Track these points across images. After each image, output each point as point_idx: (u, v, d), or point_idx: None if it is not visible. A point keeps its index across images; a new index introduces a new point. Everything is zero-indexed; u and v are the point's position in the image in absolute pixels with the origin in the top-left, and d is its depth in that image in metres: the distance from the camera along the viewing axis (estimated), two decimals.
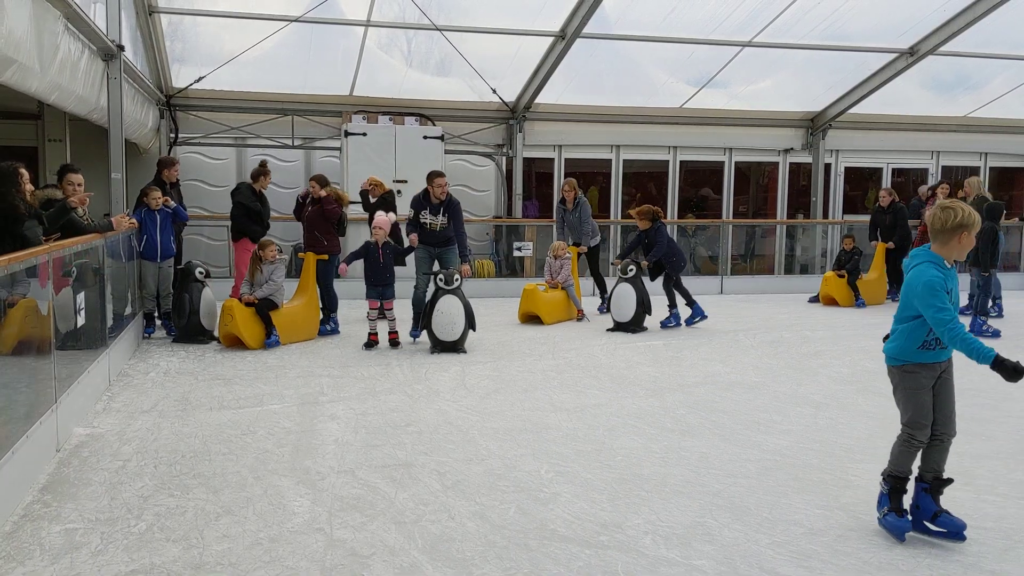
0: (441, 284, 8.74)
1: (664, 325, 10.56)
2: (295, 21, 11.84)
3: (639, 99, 15.00)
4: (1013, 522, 4.53)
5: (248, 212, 10.15)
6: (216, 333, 9.13)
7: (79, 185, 7.61)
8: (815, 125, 16.04)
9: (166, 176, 9.57)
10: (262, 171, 10.25)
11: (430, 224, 9.11)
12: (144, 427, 6.03)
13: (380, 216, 9.23)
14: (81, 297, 6.46)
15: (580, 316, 11.16)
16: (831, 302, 12.97)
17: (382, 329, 9.19)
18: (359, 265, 9.34)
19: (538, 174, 16.04)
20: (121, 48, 8.79)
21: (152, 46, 11.81)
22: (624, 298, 10.31)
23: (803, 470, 5.31)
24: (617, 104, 15.00)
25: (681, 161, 16.25)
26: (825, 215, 16.54)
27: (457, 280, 8.75)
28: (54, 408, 5.36)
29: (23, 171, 5.91)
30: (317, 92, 13.87)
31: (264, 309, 8.93)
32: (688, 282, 11.03)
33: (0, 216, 5.62)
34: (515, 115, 14.62)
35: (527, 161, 15.17)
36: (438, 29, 12.24)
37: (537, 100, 14.29)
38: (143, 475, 5.04)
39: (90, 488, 4.81)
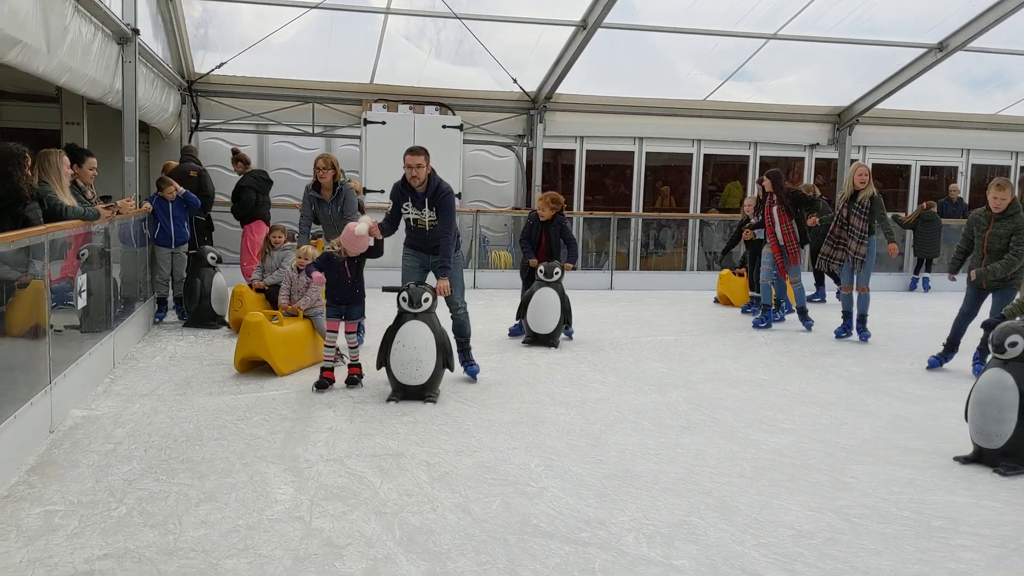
0: (404, 305, 6.46)
1: None
2: (316, 7, 11.81)
3: (662, 91, 14.81)
4: (1011, 529, 4.40)
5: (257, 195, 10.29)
6: (227, 318, 9.13)
7: (92, 169, 7.67)
8: (842, 120, 15.76)
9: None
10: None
11: (415, 220, 6.85)
12: (141, 411, 6.04)
13: (360, 228, 6.65)
14: (83, 279, 6.48)
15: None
16: (727, 302, 12.33)
17: (340, 366, 7.08)
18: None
19: (559, 165, 15.92)
20: (136, 32, 8.79)
21: (173, 31, 11.84)
22: (544, 306, 8.74)
23: (800, 470, 5.20)
24: (640, 95, 14.82)
25: (705, 154, 16.03)
26: None
27: (427, 302, 6.47)
28: (48, 390, 5.37)
29: (28, 156, 5.93)
30: (338, 80, 13.84)
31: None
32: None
33: (4, 197, 5.63)
34: (536, 105, 14.50)
35: (548, 152, 15.05)
36: (458, 17, 12.15)
37: (558, 90, 14.15)
38: (132, 458, 5.03)
39: (77, 470, 4.81)
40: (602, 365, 8.01)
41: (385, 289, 6.55)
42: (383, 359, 6.53)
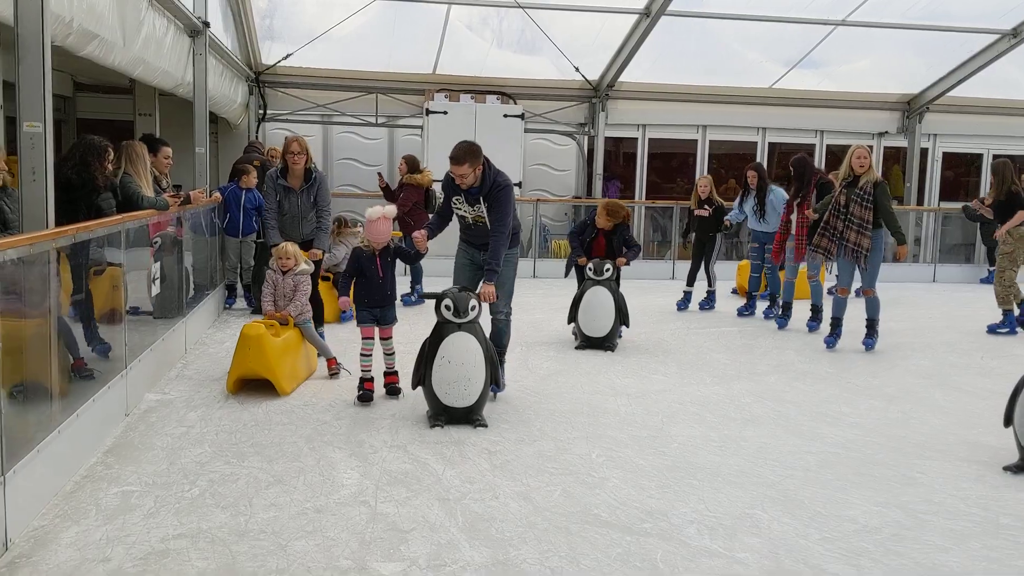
0: (448, 314, 5.64)
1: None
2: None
3: (727, 78, 14.62)
4: None
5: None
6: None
7: (166, 158, 7.88)
8: (912, 108, 15.39)
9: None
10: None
11: (470, 217, 6.20)
12: (211, 395, 6.21)
13: (373, 212, 6.09)
14: (157, 267, 6.68)
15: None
16: (744, 293, 11.41)
17: (379, 370, 6.34)
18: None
19: (621, 154, 15.85)
20: (207, 24, 8.99)
21: (242, 23, 12.06)
22: (598, 307, 8.10)
23: (865, 465, 5.13)
24: (704, 83, 14.66)
25: (770, 143, 15.80)
26: (920, 202, 15.89)
27: (473, 310, 5.66)
28: (124, 374, 5.55)
29: (110, 149, 6.09)
30: (401, 70, 13.96)
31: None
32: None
33: (80, 186, 5.80)
34: (598, 94, 14.45)
35: (609, 140, 14.99)
36: (520, 7, 12.17)
37: (621, 78, 14.08)
38: (203, 442, 5.18)
39: (151, 452, 4.97)
40: (663, 356, 7.98)
41: (422, 296, 6.03)
42: (421, 377, 5.67)
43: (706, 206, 10.34)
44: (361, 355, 6.20)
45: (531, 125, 14.22)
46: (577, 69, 13.64)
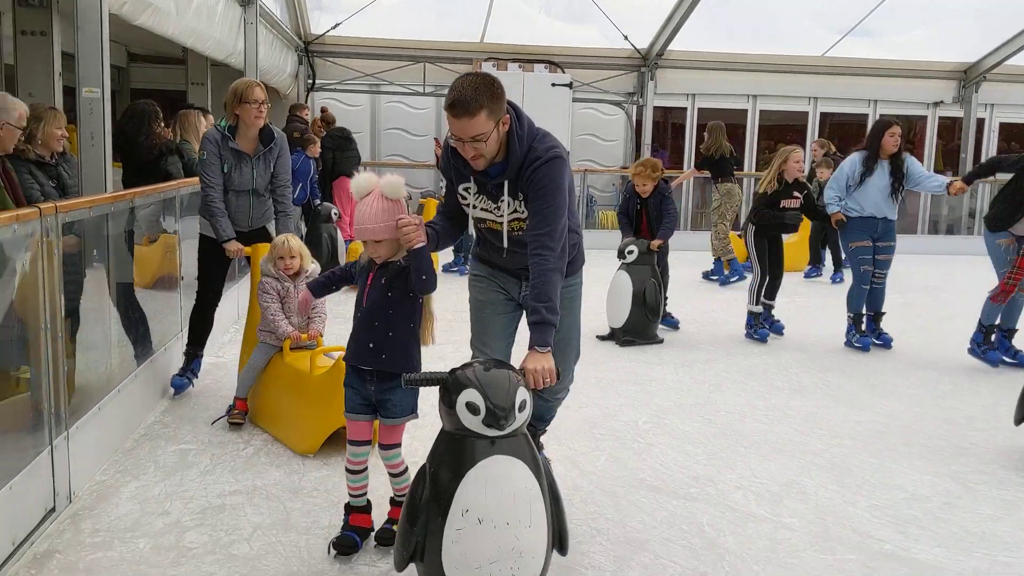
0: (471, 420, 2.84)
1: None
2: None
3: (778, 47, 14.38)
4: None
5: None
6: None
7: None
8: (968, 77, 15.01)
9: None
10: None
11: (494, 219, 3.50)
12: None
13: (360, 182, 3.33)
14: None
15: None
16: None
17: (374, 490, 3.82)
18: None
19: (669, 124, 15.71)
20: None
21: None
22: (615, 294, 7.28)
23: (916, 435, 5.09)
24: (754, 52, 14.45)
25: (822, 113, 15.54)
26: None
27: (521, 412, 2.87)
28: (178, 336, 5.68)
29: (158, 111, 6.16)
30: (449, 39, 13.96)
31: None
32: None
33: (147, 151, 5.80)
34: (647, 62, 14.31)
35: (658, 110, 14.86)
36: None
37: (670, 47, 13.92)
38: None
39: (208, 413, 5.10)
40: (710, 326, 7.95)
41: (409, 382, 3.02)
42: (415, 550, 2.93)
43: (796, 192, 7.30)
44: (347, 471, 3.53)
45: (579, 95, 14.13)
46: (626, 37, 13.52)
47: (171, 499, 3.92)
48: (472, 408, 2.82)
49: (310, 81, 13.95)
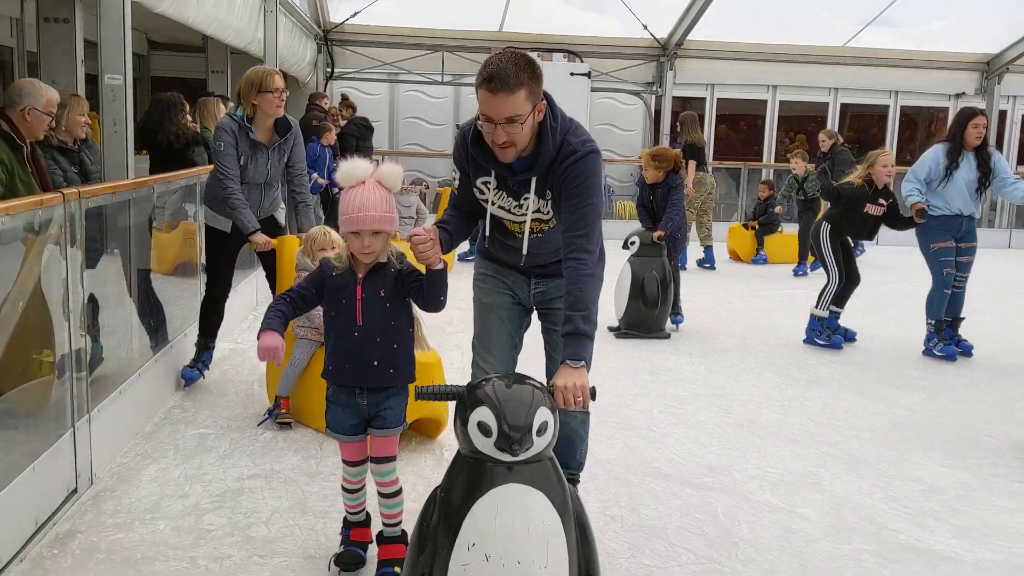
0: (484, 442, 2.52)
1: None
2: None
3: (798, 37, 14.30)
4: None
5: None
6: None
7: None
8: (991, 68, 14.87)
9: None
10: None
11: (514, 221, 3.23)
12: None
13: (349, 169, 2.99)
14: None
15: None
16: (736, 257, 11.61)
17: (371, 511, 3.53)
18: None
19: None
20: None
21: None
22: (616, 286, 7.06)
23: (932, 428, 5.08)
24: (774, 42, 14.37)
25: (842, 104, 15.45)
26: None
27: (542, 434, 2.54)
28: (197, 323, 5.72)
29: (184, 103, 6.20)
30: (467, 28, 13.95)
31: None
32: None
33: (172, 141, 5.84)
34: (666, 52, 14.26)
35: (677, 100, 14.81)
36: None
37: (689, 36, 13.87)
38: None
39: (226, 398, 5.15)
40: (727, 317, 7.95)
41: (422, 395, 2.74)
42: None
43: (882, 200, 6.75)
44: (344, 490, 3.38)
45: (598, 84, 14.10)
46: (645, 27, 13.48)
47: (190, 482, 3.97)
48: (484, 429, 2.50)
49: (329, 70, 13.98)
